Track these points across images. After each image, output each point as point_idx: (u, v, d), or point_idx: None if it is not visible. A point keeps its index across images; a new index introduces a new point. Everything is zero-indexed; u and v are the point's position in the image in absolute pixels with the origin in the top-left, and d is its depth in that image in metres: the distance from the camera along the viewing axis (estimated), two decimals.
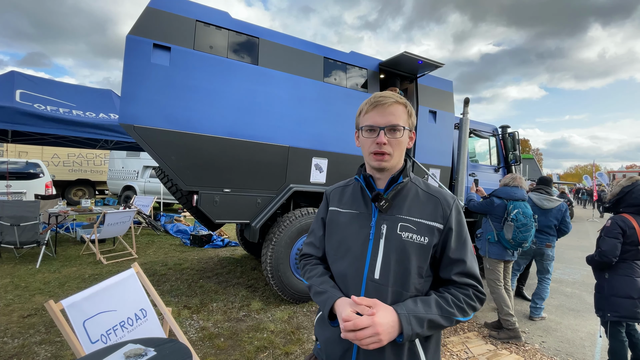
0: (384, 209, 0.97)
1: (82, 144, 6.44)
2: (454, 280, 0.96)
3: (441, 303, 0.90)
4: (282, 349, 2.75)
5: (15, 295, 3.61)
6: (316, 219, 1.17)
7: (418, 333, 0.85)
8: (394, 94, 0.99)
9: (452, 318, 0.90)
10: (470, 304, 0.93)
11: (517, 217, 3.14)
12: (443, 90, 4.76)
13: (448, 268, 0.97)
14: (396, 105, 0.97)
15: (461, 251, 0.96)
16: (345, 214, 1.05)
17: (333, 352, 0.99)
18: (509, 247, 3.22)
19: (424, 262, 0.95)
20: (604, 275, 2.42)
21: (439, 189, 1.03)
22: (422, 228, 0.95)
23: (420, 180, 1.06)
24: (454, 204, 0.99)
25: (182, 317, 3.22)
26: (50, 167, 10.80)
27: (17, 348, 2.59)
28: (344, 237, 1.02)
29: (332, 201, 1.12)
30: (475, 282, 0.96)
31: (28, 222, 4.72)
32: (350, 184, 1.13)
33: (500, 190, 3.39)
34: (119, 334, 1.68)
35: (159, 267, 4.82)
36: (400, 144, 0.97)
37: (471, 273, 0.96)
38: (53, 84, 5.28)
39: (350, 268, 0.98)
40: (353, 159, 3.98)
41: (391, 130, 0.96)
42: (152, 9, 3.02)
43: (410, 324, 0.85)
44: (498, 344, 3.08)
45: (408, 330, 0.84)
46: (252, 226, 3.42)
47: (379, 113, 0.97)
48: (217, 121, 3.24)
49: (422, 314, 0.87)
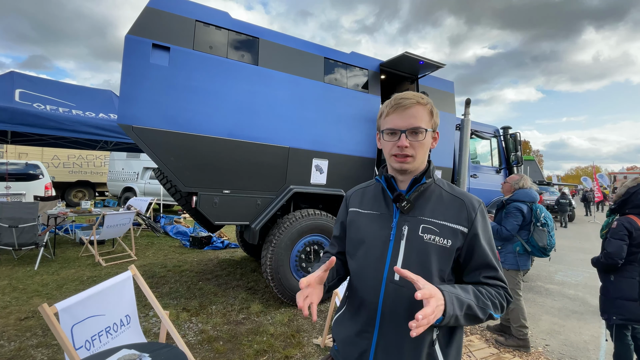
0: (405, 210, 0.95)
1: (81, 145, 6.42)
2: (483, 282, 0.93)
3: (477, 293, 0.88)
4: (282, 352, 2.71)
5: (13, 298, 3.57)
6: (336, 224, 1.17)
7: (457, 316, 0.81)
8: (415, 94, 0.96)
9: (487, 310, 0.87)
10: (501, 302, 0.91)
11: (547, 221, 2.97)
12: (444, 91, 4.74)
13: (476, 272, 0.94)
14: (417, 107, 0.94)
15: (490, 257, 0.94)
16: (366, 214, 1.04)
17: (350, 353, 0.97)
18: (540, 254, 2.99)
19: (446, 265, 0.92)
20: (610, 278, 2.38)
21: (465, 191, 1.00)
22: (445, 230, 0.93)
23: (444, 182, 1.03)
24: (479, 207, 0.96)
25: (180, 320, 3.18)
26: (50, 169, 10.79)
27: (13, 351, 2.56)
28: (364, 237, 1.01)
29: (352, 203, 1.11)
30: (505, 285, 0.95)
31: (26, 224, 4.69)
32: (370, 185, 1.11)
33: (520, 194, 3.10)
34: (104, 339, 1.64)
35: (158, 269, 4.78)
36: (422, 146, 0.95)
37: (501, 278, 0.95)
38: (52, 84, 5.27)
39: (370, 268, 0.96)
40: (354, 160, 3.94)
41: (413, 133, 0.93)
42: (152, 9, 2.99)
43: (452, 303, 0.81)
44: (501, 347, 3.03)
45: (450, 309, 0.79)
46: (252, 228, 3.38)
47: (400, 115, 0.94)
48: (217, 122, 3.21)
49: (463, 296, 0.84)
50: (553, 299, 4.47)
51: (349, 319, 1.01)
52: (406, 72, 4.39)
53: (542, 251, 3.00)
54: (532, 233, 3.01)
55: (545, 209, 3.09)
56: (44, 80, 5.21)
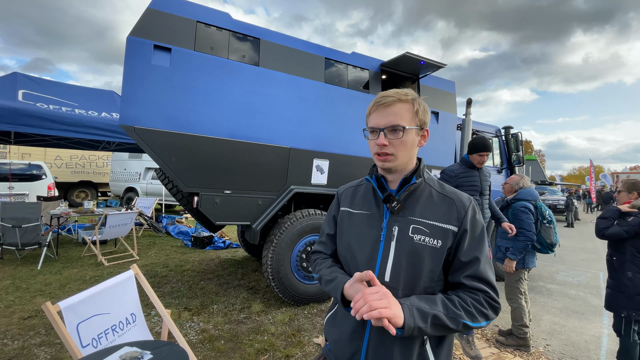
0: (395, 211, 0.94)
1: (84, 146, 6.46)
2: (463, 283, 0.90)
3: (447, 303, 0.86)
4: (282, 351, 2.72)
5: (16, 297, 3.60)
6: (327, 218, 1.16)
7: (420, 328, 0.80)
8: (398, 91, 0.94)
9: (459, 320, 0.84)
10: (480, 309, 0.87)
11: (552, 218, 2.98)
12: (445, 90, 4.74)
13: (458, 271, 0.92)
14: (398, 104, 0.93)
15: (474, 253, 0.91)
16: (356, 214, 1.03)
17: (342, 353, 0.97)
18: (547, 251, 3.02)
19: (436, 266, 0.91)
20: (627, 275, 2.39)
21: (455, 190, 0.99)
22: (435, 231, 0.91)
23: (435, 181, 1.01)
24: (470, 205, 0.95)
25: (182, 319, 3.20)
26: (53, 169, 10.84)
27: (16, 350, 2.58)
28: (354, 237, 1.00)
29: (343, 201, 1.11)
30: (486, 287, 0.90)
31: (30, 224, 4.73)
32: (362, 184, 1.10)
33: (524, 193, 3.13)
34: (110, 337, 1.66)
35: (160, 269, 4.81)
36: (403, 144, 0.93)
37: (482, 277, 0.90)
38: (55, 84, 5.30)
39: (360, 269, 0.95)
40: (354, 160, 3.95)
41: (392, 131, 0.92)
42: (153, 10, 3.01)
43: (412, 315, 0.80)
44: (501, 347, 3.04)
45: (410, 322, 0.79)
46: (253, 228, 3.40)
47: (380, 114, 0.94)
48: (218, 122, 3.22)
49: (426, 309, 0.82)
50: (554, 299, 4.46)
51: (341, 319, 1.00)
52: (407, 72, 4.39)
53: (549, 247, 3.03)
54: (539, 231, 3.04)
55: (545, 206, 3.12)
56: (46, 81, 5.24)
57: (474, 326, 0.87)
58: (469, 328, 0.87)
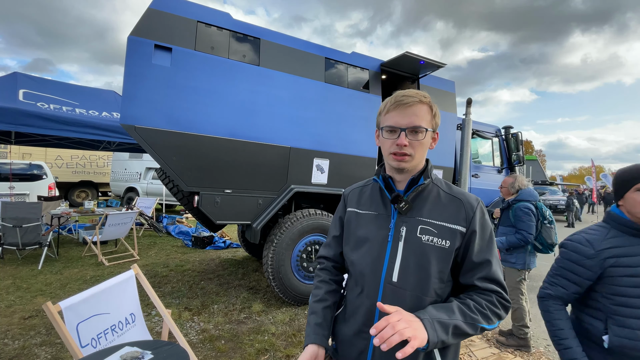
0: (403, 211, 0.94)
1: (84, 146, 6.46)
2: (476, 285, 0.91)
3: (464, 309, 0.86)
4: (283, 351, 2.72)
5: (17, 297, 3.60)
6: (334, 220, 1.16)
7: (444, 340, 0.80)
8: (418, 92, 0.94)
9: (477, 325, 0.85)
10: (494, 311, 0.88)
11: (552, 218, 2.96)
12: (445, 90, 4.73)
13: (470, 273, 0.92)
14: (419, 105, 0.92)
15: (485, 254, 0.91)
16: (363, 215, 1.03)
17: (348, 353, 0.97)
18: (547, 251, 3.01)
19: (445, 267, 0.91)
20: None
21: (463, 190, 0.99)
22: (443, 231, 0.91)
23: (442, 182, 1.01)
24: (478, 206, 0.94)
25: (182, 319, 3.20)
26: (54, 169, 10.84)
27: (17, 350, 2.58)
28: (361, 238, 1.00)
29: (349, 202, 1.10)
30: (498, 288, 0.90)
31: (30, 224, 4.73)
32: (368, 184, 1.10)
33: (525, 194, 3.11)
34: (109, 337, 1.65)
35: (160, 269, 4.81)
36: (422, 146, 0.93)
37: (495, 278, 0.91)
38: (56, 84, 5.29)
39: (368, 269, 0.96)
40: (355, 159, 3.95)
41: (413, 132, 0.91)
42: (154, 10, 3.01)
43: (435, 330, 0.79)
44: (502, 347, 3.03)
45: (434, 336, 0.78)
46: (253, 227, 3.40)
47: (401, 113, 0.92)
48: (218, 122, 3.22)
49: (446, 319, 0.82)
50: None
51: (348, 319, 1.00)
52: (407, 71, 4.39)
53: (549, 248, 3.02)
54: (540, 231, 3.01)
55: (545, 206, 3.11)
56: (47, 80, 5.24)
57: (489, 328, 0.87)
58: (484, 330, 0.87)
